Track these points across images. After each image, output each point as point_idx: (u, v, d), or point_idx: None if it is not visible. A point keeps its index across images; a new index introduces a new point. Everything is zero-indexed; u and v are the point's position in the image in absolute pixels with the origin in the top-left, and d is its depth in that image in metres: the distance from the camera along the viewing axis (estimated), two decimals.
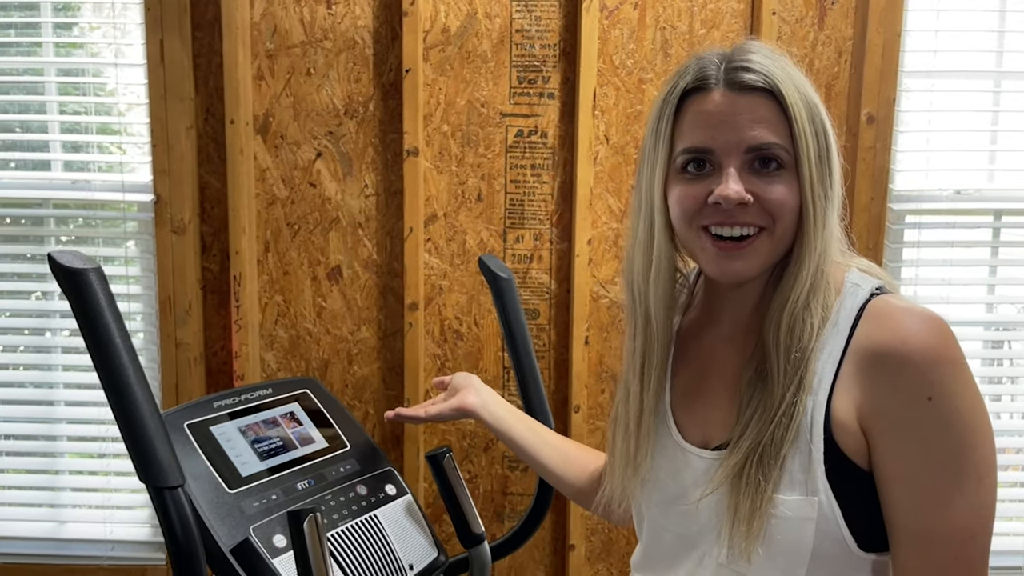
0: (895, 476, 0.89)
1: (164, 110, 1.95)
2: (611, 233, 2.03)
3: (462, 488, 1.32)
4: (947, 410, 0.86)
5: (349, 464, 1.30)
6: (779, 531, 0.92)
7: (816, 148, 0.94)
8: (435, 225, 2.04)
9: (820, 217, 0.94)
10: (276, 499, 1.17)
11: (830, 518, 0.91)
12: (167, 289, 2.01)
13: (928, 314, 0.90)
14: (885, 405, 0.89)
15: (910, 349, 0.87)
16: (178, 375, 2.03)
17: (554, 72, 1.99)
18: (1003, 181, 2.08)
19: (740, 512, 0.93)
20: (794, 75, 0.96)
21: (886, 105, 1.97)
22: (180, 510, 0.87)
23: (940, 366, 0.86)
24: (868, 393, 0.90)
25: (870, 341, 0.91)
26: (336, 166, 2.02)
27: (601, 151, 2.01)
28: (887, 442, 0.89)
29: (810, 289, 0.94)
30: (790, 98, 0.92)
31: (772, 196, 0.93)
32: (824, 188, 0.94)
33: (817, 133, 0.94)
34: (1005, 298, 2.13)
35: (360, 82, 2.00)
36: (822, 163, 0.94)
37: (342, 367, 2.08)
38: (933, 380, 0.86)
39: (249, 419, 1.25)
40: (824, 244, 0.94)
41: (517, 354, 1.41)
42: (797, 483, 0.91)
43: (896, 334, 0.89)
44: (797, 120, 0.92)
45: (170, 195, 1.98)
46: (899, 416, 0.88)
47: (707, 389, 1.06)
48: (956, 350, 0.88)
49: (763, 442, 0.92)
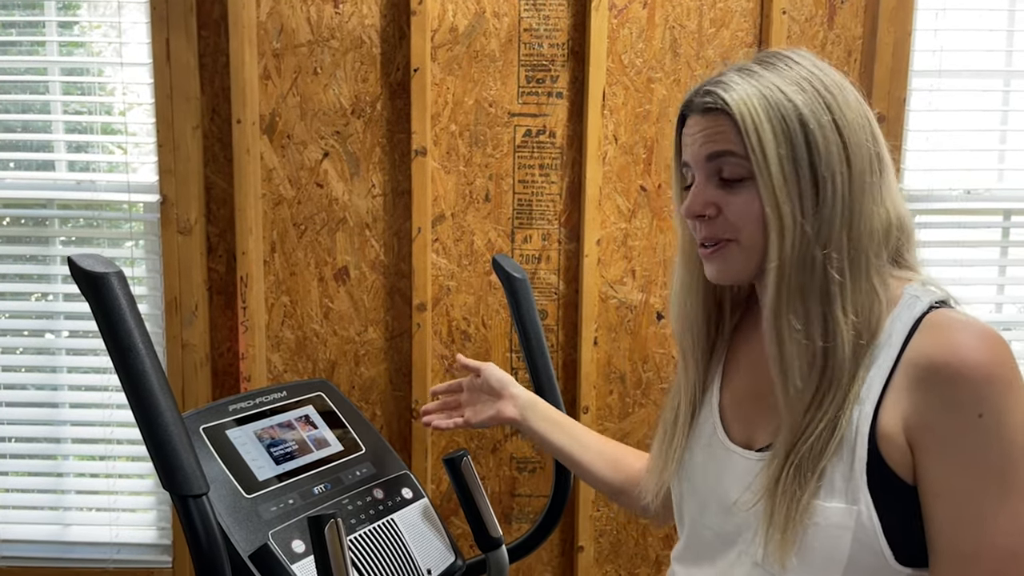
0: (939, 491, 0.88)
1: (170, 110, 1.94)
2: (620, 233, 2.02)
3: (480, 491, 1.31)
4: (997, 428, 0.85)
5: (365, 468, 1.29)
6: (816, 538, 0.91)
7: (785, 153, 0.92)
8: (443, 225, 2.02)
9: (789, 223, 0.92)
10: (293, 504, 1.15)
11: (869, 529, 0.90)
12: (173, 290, 1.99)
13: (986, 330, 0.89)
14: (934, 419, 0.87)
15: (963, 364, 0.86)
16: (184, 377, 2.01)
17: (563, 71, 1.98)
18: (1013, 181, 2.08)
19: (775, 520, 0.92)
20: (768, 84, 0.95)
21: (896, 104, 1.96)
22: (205, 518, 0.86)
23: (993, 384, 0.85)
24: (917, 406, 0.89)
25: (922, 354, 0.90)
26: (343, 166, 2.01)
27: (610, 151, 2.00)
28: (933, 457, 0.88)
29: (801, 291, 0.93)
30: (739, 111, 0.94)
31: (732, 208, 0.96)
32: (797, 194, 0.92)
33: (789, 138, 0.92)
34: (1015, 298, 2.12)
35: (367, 81, 1.99)
36: (798, 168, 0.92)
37: (349, 368, 2.07)
38: (985, 397, 0.85)
39: (264, 423, 1.24)
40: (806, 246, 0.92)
41: (532, 355, 1.40)
42: (838, 491, 0.91)
43: (950, 348, 0.88)
44: (749, 130, 0.93)
45: (176, 195, 1.96)
46: (947, 431, 0.87)
47: (755, 389, 1.06)
48: (1012, 369, 0.87)
49: (801, 452, 0.92)
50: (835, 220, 0.93)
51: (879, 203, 0.95)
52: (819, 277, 0.93)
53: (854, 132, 0.94)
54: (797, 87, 0.94)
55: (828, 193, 0.93)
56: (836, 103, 0.94)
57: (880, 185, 0.95)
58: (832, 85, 0.95)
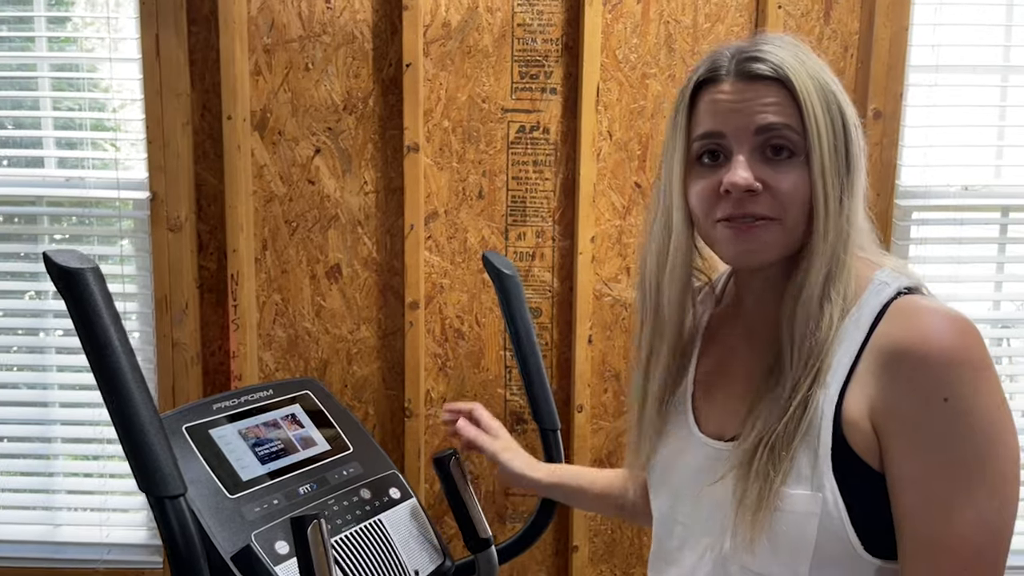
0: (904, 479, 0.86)
1: (160, 106, 1.92)
2: (614, 230, 2.01)
3: (469, 492, 1.29)
4: (964, 414, 0.83)
5: (352, 467, 1.27)
6: (783, 524, 0.89)
7: (831, 136, 0.92)
8: (436, 223, 2.00)
9: (834, 206, 0.91)
10: (278, 504, 1.13)
11: (835, 516, 0.88)
12: (163, 288, 1.97)
13: (954, 315, 0.87)
14: (899, 404, 0.86)
15: (929, 348, 0.85)
16: (175, 375, 1.99)
17: (556, 67, 1.97)
18: (1011, 177, 2.06)
19: (746, 501, 0.90)
20: (809, 62, 0.94)
21: (893, 100, 1.94)
22: (182, 520, 0.84)
23: (960, 368, 0.84)
24: (883, 391, 0.87)
25: (889, 338, 0.88)
26: (335, 163, 1.99)
27: (604, 147, 1.98)
28: (899, 443, 0.86)
29: (825, 279, 0.92)
30: (800, 84, 0.91)
31: (783, 186, 0.91)
32: (839, 177, 0.92)
33: (833, 121, 0.92)
34: (1012, 295, 2.10)
35: (359, 77, 1.97)
36: (837, 152, 0.92)
37: (341, 367, 2.05)
38: (951, 381, 0.83)
39: (249, 422, 1.22)
40: (840, 233, 0.92)
41: (523, 353, 1.38)
42: (804, 478, 0.89)
43: (916, 332, 0.86)
44: (808, 106, 0.91)
45: (166, 192, 1.95)
46: (913, 416, 0.85)
47: (727, 381, 1.05)
48: (980, 354, 0.85)
49: (776, 433, 0.90)
50: (857, 205, 0.94)
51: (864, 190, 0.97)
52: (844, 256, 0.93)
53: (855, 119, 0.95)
54: (826, 70, 0.95)
55: (857, 179, 0.93)
56: (843, 91, 0.95)
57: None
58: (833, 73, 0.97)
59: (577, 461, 2.02)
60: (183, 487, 0.85)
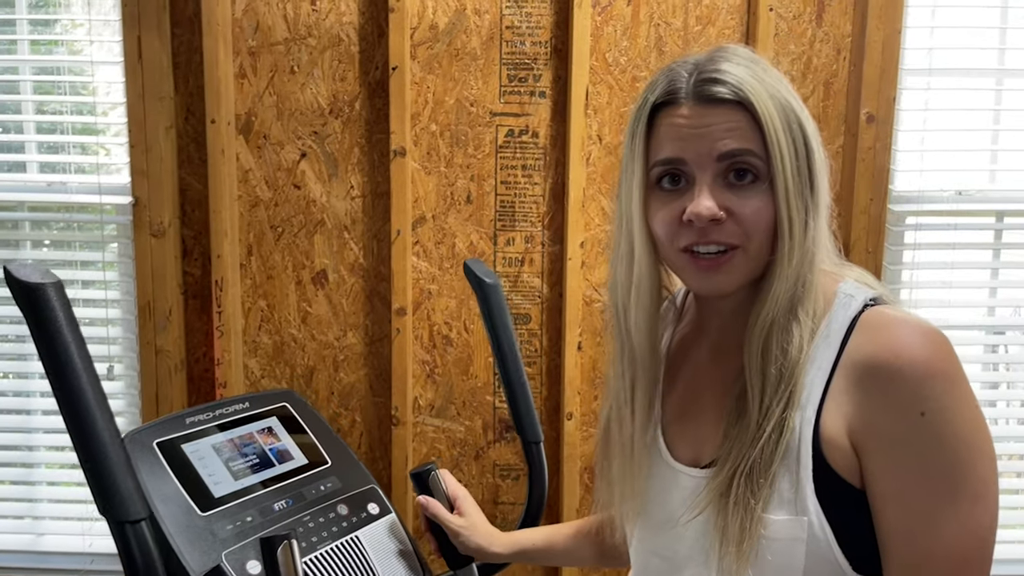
0: (886, 495, 0.84)
1: (142, 109, 1.89)
2: (604, 236, 1.98)
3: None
4: (941, 426, 0.81)
5: (330, 482, 1.24)
6: (769, 552, 0.87)
7: (794, 157, 0.89)
8: (423, 228, 1.98)
9: (799, 229, 0.89)
10: (251, 521, 1.11)
11: (821, 539, 0.86)
12: (146, 294, 1.95)
13: (925, 326, 0.86)
14: (876, 420, 0.84)
15: (903, 362, 0.83)
16: (158, 383, 1.96)
17: (545, 70, 1.94)
18: (1005, 182, 2.03)
19: (729, 533, 0.88)
20: (769, 80, 0.90)
21: (886, 104, 1.92)
22: (143, 545, 0.81)
23: (934, 380, 0.82)
24: (858, 408, 0.85)
25: (861, 353, 0.86)
26: (321, 167, 1.97)
27: (594, 151, 1.95)
28: (878, 459, 0.84)
29: (791, 302, 0.90)
30: (762, 107, 0.88)
31: (747, 212, 0.89)
32: (803, 199, 0.89)
33: (795, 140, 0.89)
34: (1007, 301, 2.08)
35: (345, 80, 1.94)
36: (800, 172, 0.89)
37: (328, 374, 2.03)
38: (926, 395, 0.82)
39: (224, 436, 1.19)
40: (805, 255, 0.89)
41: (504, 363, 1.35)
42: (786, 502, 0.87)
43: (888, 346, 0.84)
44: (770, 130, 0.88)
45: (149, 197, 1.92)
46: (890, 432, 0.83)
47: (698, 406, 1.01)
48: (953, 364, 0.84)
49: (752, 459, 0.88)
50: (822, 223, 0.91)
51: None
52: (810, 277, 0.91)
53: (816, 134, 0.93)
54: (784, 85, 0.91)
55: (820, 197, 0.91)
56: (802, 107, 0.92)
57: None
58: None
59: (567, 468, 2.00)
60: (144, 511, 0.83)
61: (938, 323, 0.86)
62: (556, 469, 2.03)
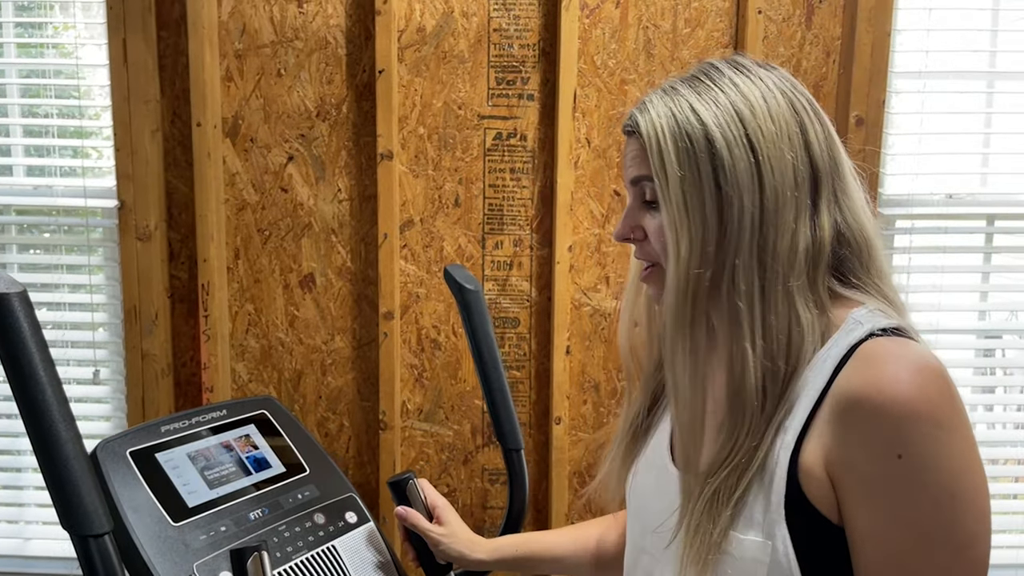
0: (862, 536, 0.81)
1: (128, 112, 1.88)
2: (593, 239, 1.97)
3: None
4: (920, 472, 0.77)
5: (308, 490, 1.23)
6: (731, 569, 0.85)
7: (683, 175, 0.88)
8: (411, 231, 1.97)
9: (685, 248, 0.88)
10: (226, 531, 1.10)
11: (784, 566, 0.83)
12: (132, 298, 1.94)
13: (920, 363, 0.81)
14: (853, 457, 0.81)
15: (884, 399, 0.79)
16: (144, 387, 1.96)
17: (533, 73, 1.93)
18: (996, 185, 2.02)
19: (696, 541, 0.87)
20: (677, 106, 0.91)
21: (875, 107, 1.90)
22: (107, 560, 0.80)
23: (917, 423, 0.77)
24: (838, 441, 0.82)
25: (848, 385, 0.83)
26: (308, 170, 1.96)
27: (582, 154, 1.94)
28: (854, 498, 0.81)
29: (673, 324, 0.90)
30: (645, 133, 0.92)
31: (651, 231, 0.95)
32: (701, 217, 0.87)
33: (695, 159, 0.88)
34: (998, 305, 2.07)
35: (333, 83, 1.93)
36: (702, 189, 0.88)
37: (316, 378, 2.02)
38: (906, 437, 0.78)
39: (200, 444, 1.18)
40: (696, 276, 0.88)
41: (485, 370, 1.34)
42: (756, 523, 0.85)
43: (874, 381, 0.80)
44: (650, 154, 0.91)
45: (135, 201, 1.91)
46: (867, 471, 0.80)
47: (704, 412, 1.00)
48: (945, 408, 0.79)
49: (716, 483, 0.86)
50: (742, 241, 0.87)
51: (804, 220, 0.88)
52: (724, 304, 0.89)
53: (772, 145, 0.87)
54: (712, 103, 0.89)
55: (734, 213, 0.87)
56: (754, 115, 0.88)
57: (813, 199, 0.89)
58: (755, 97, 0.89)
59: (555, 473, 1.99)
60: (107, 525, 0.82)
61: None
62: (545, 474, 2.02)
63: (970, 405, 2.09)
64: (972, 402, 2.11)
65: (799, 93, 0.91)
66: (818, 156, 0.89)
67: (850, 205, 0.91)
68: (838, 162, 0.91)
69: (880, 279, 0.92)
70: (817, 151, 0.89)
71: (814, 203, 0.89)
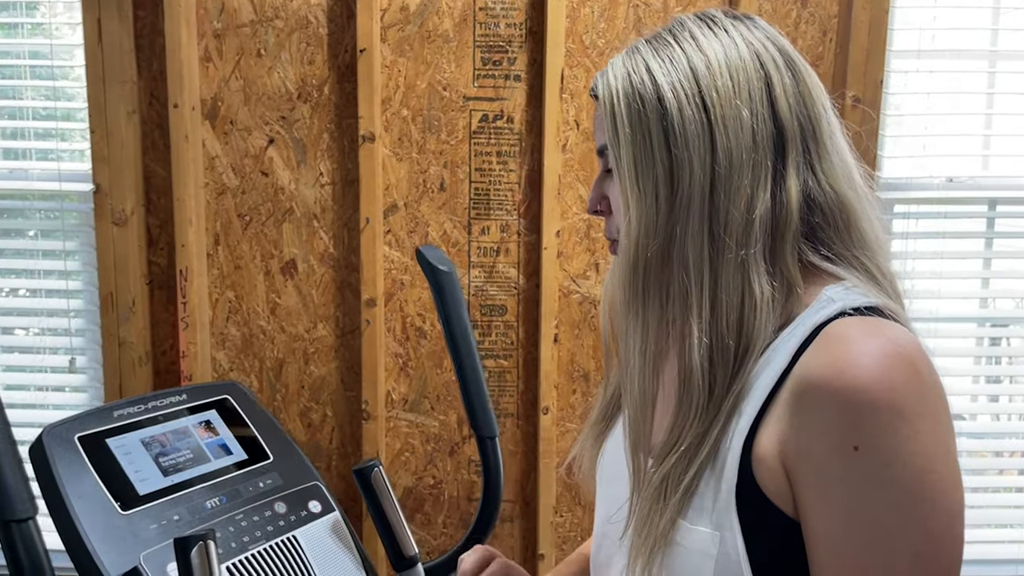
0: (817, 534, 0.74)
1: (103, 94, 1.83)
2: (582, 224, 1.91)
3: (392, 506, 1.20)
4: (877, 468, 0.70)
5: (270, 479, 1.18)
6: (679, 560, 0.79)
7: (635, 138, 0.82)
8: (395, 216, 1.92)
9: (636, 217, 0.82)
10: (179, 520, 1.05)
11: (733, 559, 0.76)
12: (109, 285, 1.89)
13: (890, 347, 0.72)
14: (808, 447, 0.73)
15: (843, 384, 0.71)
16: (122, 376, 1.91)
17: (520, 53, 1.87)
18: (998, 168, 1.96)
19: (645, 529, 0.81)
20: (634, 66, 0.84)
21: (873, 87, 1.84)
22: (30, 545, 0.76)
23: (876, 412, 0.69)
24: (794, 429, 0.74)
25: (808, 367, 0.75)
26: (289, 153, 1.91)
27: (571, 137, 1.89)
28: (808, 492, 0.74)
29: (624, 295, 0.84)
30: (602, 97, 0.86)
31: (614, 200, 0.89)
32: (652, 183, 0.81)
33: (646, 121, 0.81)
34: (1000, 292, 2.00)
35: (314, 64, 1.88)
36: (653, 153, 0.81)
37: (298, 367, 1.97)
38: (864, 428, 0.70)
39: (155, 429, 1.13)
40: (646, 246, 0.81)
41: (458, 354, 1.29)
42: (706, 513, 0.78)
43: (834, 363, 0.73)
44: (606, 117, 0.85)
45: (110, 185, 1.86)
46: (821, 464, 0.72)
47: (665, 391, 0.92)
48: (909, 398, 0.71)
49: (674, 460, 0.80)
50: (692, 209, 0.80)
51: (763, 185, 0.80)
52: (674, 278, 0.82)
53: (728, 103, 0.80)
54: (667, 60, 0.82)
55: (685, 178, 0.80)
56: (709, 71, 0.81)
57: (778, 162, 0.81)
58: (714, 51, 0.82)
59: (543, 465, 1.94)
60: (31, 510, 0.77)
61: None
62: (533, 465, 1.96)
63: (972, 395, 2.04)
64: (975, 392, 2.05)
65: (771, 45, 0.84)
66: (785, 114, 0.81)
67: (827, 169, 0.82)
68: (815, 121, 0.83)
69: (863, 250, 0.84)
70: (784, 109, 0.81)
71: (779, 167, 0.81)
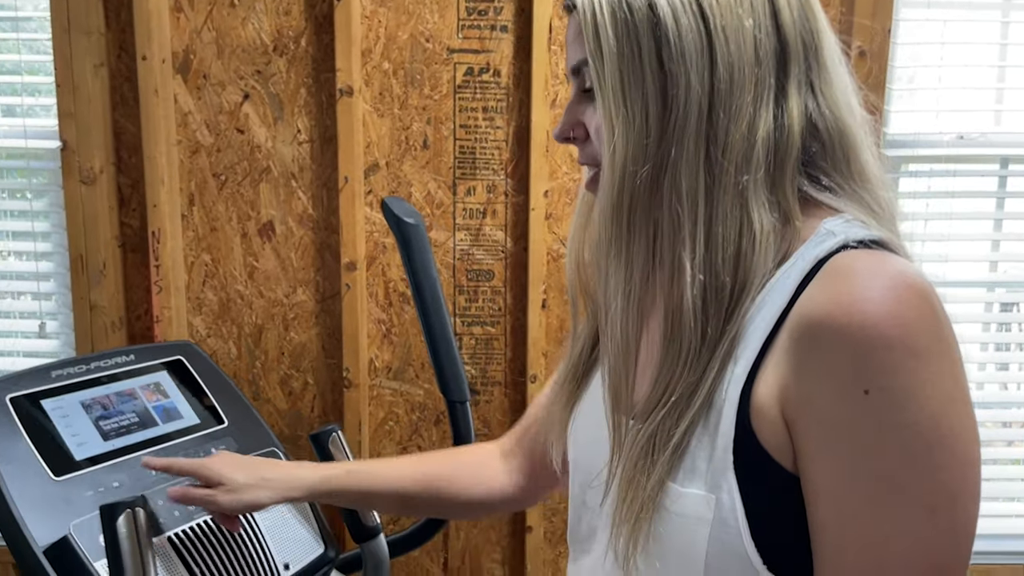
0: (819, 488, 0.66)
1: (68, 46, 1.75)
2: (572, 184, 1.83)
3: None
4: (889, 412, 0.63)
5: (223, 443, 1.11)
6: (669, 527, 0.72)
7: (623, 52, 0.72)
8: (376, 176, 1.83)
9: (622, 137, 0.73)
10: (118, 487, 0.97)
11: (730, 524, 0.69)
12: (79, 247, 1.81)
13: (900, 280, 0.65)
14: (811, 392, 0.66)
15: (851, 321, 0.63)
16: (94, 342, 1.83)
17: (507, 2, 1.78)
18: (1011, 124, 1.87)
19: (630, 495, 0.73)
20: None
21: (880, 37, 1.74)
22: None
23: (889, 351, 0.62)
24: (795, 374, 0.67)
25: (811, 305, 0.67)
26: (266, 109, 1.82)
27: (560, 91, 1.80)
28: (811, 442, 0.66)
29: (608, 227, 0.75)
30: (580, 7, 0.75)
31: (590, 126, 0.79)
32: (641, 102, 0.72)
33: (635, 33, 0.72)
34: (1011, 255, 1.91)
35: (290, 14, 1.79)
36: (642, 68, 0.72)
37: (278, 333, 1.89)
38: (876, 368, 0.63)
39: (97, 391, 1.06)
40: (634, 171, 0.72)
41: (426, 313, 1.21)
42: (699, 474, 0.70)
43: (841, 299, 0.65)
44: (587, 29, 0.74)
45: (78, 142, 1.78)
46: (825, 409, 0.65)
47: (647, 342, 0.84)
48: (924, 335, 0.64)
49: (656, 423, 0.72)
50: (687, 130, 0.71)
51: (766, 104, 0.72)
52: (664, 209, 0.73)
53: (728, 11, 0.72)
54: None
55: (680, 96, 0.71)
56: None
57: (780, 80, 0.73)
58: None
59: None
60: None
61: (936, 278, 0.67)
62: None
63: (979, 364, 1.95)
64: (983, 360, 1.96)
65: None
66: (789, 27, 0.73)
67: (827, 91, 0.74)
68: (817, 37, 0.75)
69: (863, 182, 0.76)
70: (788, 21, 0.73)
71: (781, 85, 0.73)
